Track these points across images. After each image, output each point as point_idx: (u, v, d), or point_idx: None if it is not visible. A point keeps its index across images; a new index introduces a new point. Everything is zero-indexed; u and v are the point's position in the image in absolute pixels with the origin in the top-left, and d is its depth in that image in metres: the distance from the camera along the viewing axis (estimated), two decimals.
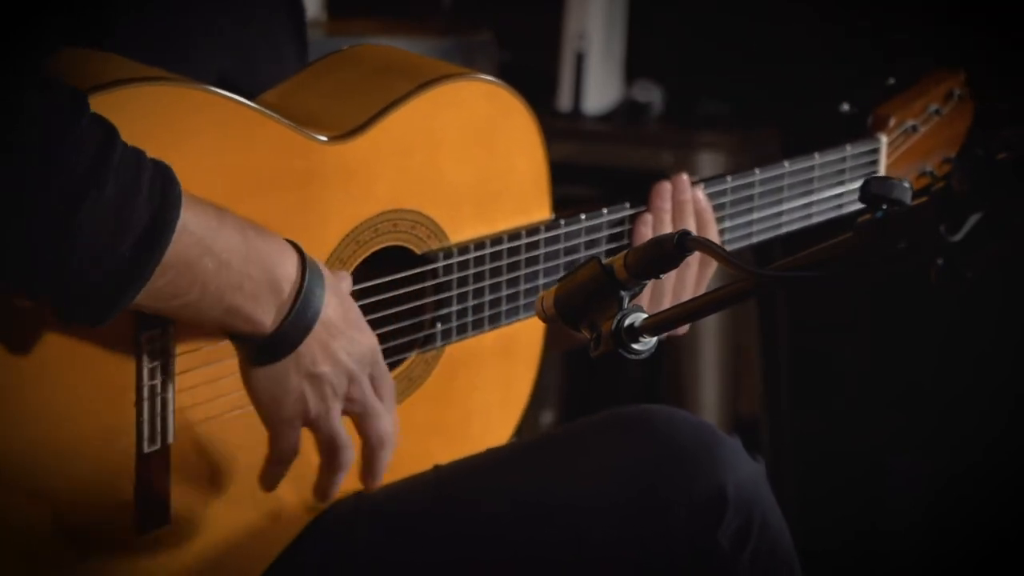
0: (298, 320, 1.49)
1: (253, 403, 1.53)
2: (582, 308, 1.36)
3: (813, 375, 3.61)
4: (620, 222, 1.82)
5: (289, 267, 1.48)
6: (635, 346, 1.32)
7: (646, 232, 1.82)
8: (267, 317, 1.47)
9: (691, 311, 1.33)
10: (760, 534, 1.62)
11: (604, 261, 1.35)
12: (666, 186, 1.83)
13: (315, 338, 1.50)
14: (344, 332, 1.53)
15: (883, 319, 3.52)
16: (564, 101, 3.59)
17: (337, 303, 1.53)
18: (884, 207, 1.17)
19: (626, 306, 1.33)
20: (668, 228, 1.83)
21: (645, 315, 1.33)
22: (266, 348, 1.49)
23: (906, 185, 1.18)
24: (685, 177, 1.85)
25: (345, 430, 1.56)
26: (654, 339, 1.33)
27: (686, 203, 1.84)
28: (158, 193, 1.37)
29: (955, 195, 1.12)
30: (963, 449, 3.32)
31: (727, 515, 1.60)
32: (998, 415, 3.28)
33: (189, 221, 1.39)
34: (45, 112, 1.31)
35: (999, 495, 3.22)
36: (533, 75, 3.28)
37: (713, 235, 1.86)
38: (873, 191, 1.18)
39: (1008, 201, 1.11)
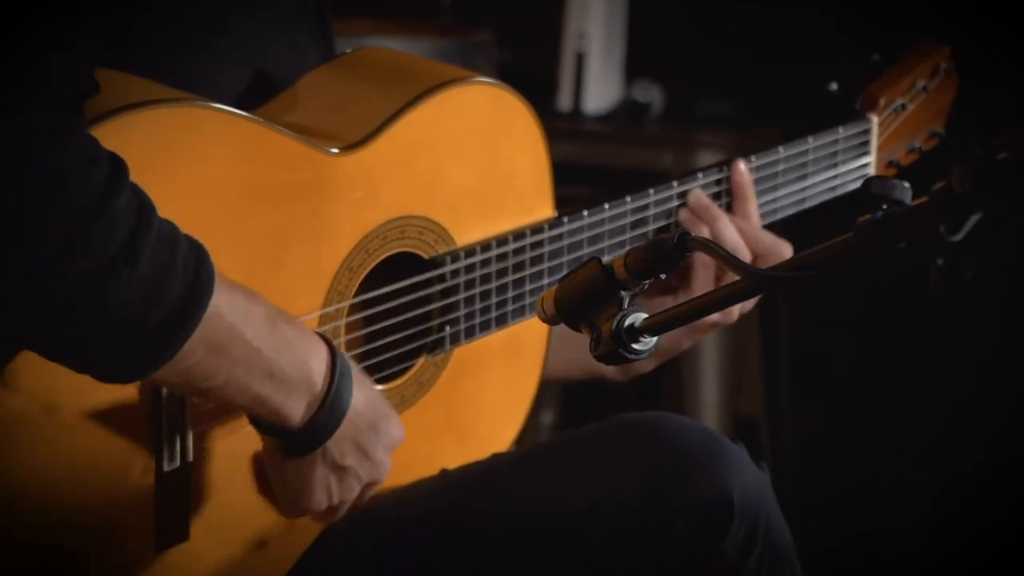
0: (328, 415, 1.48)
1: (276, 490, 1.54)
2: (582, 308, 1.36)
3: (813, 375, 3.61)
4: (622, 216, 1.82)
5: (320, 360, 1.47)
6: (635, 346, 1.32)
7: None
8: (296, 410, 1.46)
9: (691, 311, 1.32)
10: (765, 541, 1.62)
11: (604, 261, 1.35)
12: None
13: (343, 433, 1.49)
14: (373, 425, 1.53)
15: (883, 319, 3.52)
16: (564, 101, 3.58)
17: (364, 397, 1.52)
18: (884, 207, 1.17)
19: (626, 306, 1.33)
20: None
21: (645, 315, 1.33)
22: (295, 442, 1.48)
23: (906, 185, 1.18)
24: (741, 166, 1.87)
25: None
26: (654, 339, 1.32)
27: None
28: (192, 272, 1.35)
29: (955, 195, 1.12)
30: (963, 449, 3.31)
31: (733, 523, 1.59)
32: (998, 415, 3.27)
33: (222, 305, 1.38)
34: (83, 191, 1.30)
35: (999, 495, 3.22)
36: (533, 75, 3.28)
37: (752, 211, 1.87)
38: (873, 191, 1.18)
39: (1008, 201, 1.11)
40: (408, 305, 1.69)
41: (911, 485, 3.41)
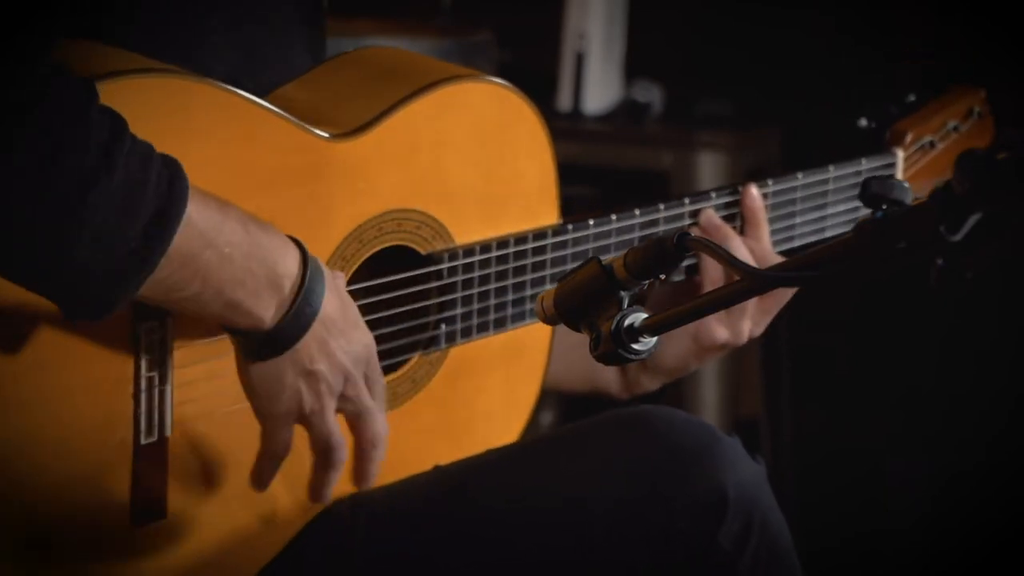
0: (297, 317, 1.49)
1: (248, 397, 1.53)
2: (582, 308, 1.35)
3: (813, 375, 3.61)
4: (629, 229, 1.81)
5: (291, 264, 1.48)
6: (635, 346, 1.32)
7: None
8: (267, 313, 1.47)
9: (691, 311, 1.32)
10: (761, 535, 1.61)
11: (604, 261, 1.35)
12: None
13: (313, 336, 1.50)
14: (343, 331, 1.53)
15: (884, 319, 3.52)
16: (564, 101, 3.59)
17: (337, 301, 1.53)
18: (884, 207, 1.17)
19: (626, 306, 1.33)
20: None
21: (645, 315, 1.32)
22: (264, 343, 1.49)
23: (906, 185, 1.18)
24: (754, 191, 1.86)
25: (339, 429, 1.55)
26: (654, 339, 1.32)
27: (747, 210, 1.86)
28: (165, 184, 1.37)
29: (955, 195, 1.12)
30: (963, 449, 3.32)
31: (728, 516, 1.59)
32: (998, 415, 3.28)
33: (193, 214, 1.39)
34: (58, 98, 1.31)
35: (999, 495, 3.22)
36: (533, 75, 3.28)
37: (764, 235, 1.86)
38: (873, 191, 1.18)
39: (1008, 201, 1.11)
40: (402, 300, 1.68)
41: (911, 485, 3.41)
